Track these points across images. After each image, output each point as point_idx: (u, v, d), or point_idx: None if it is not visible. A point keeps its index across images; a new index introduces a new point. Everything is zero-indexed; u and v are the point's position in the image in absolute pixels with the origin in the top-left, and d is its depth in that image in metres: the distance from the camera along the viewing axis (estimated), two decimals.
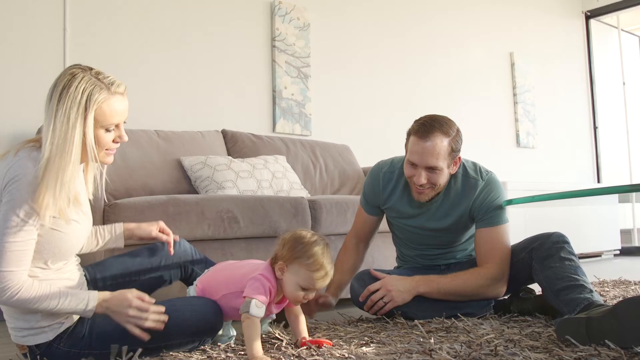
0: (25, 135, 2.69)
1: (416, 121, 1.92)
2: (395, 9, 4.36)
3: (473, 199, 1.97)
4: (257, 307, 1.43)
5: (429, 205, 2.01)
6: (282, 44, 3.65)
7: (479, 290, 1.89)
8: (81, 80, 1.34)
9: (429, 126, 1.86)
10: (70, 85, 1.33)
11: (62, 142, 1.30)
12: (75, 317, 1.41)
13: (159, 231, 1.71)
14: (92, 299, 1.36)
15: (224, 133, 3.19)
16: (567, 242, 1.86)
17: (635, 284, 2.84)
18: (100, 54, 2.96)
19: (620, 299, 2.12)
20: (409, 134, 1.93)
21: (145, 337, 1.39)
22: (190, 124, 3.16)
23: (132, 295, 1.39)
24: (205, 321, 1.48)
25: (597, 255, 4.94)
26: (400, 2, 4.41)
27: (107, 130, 1.39)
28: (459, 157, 1.95)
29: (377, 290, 1.89)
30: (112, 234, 1.66)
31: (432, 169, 1.87)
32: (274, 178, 2.88)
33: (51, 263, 1.39)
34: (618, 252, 5.18)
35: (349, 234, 2.19)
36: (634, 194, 5.71)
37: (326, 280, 1.50)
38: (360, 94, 4.06)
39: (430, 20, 4.60)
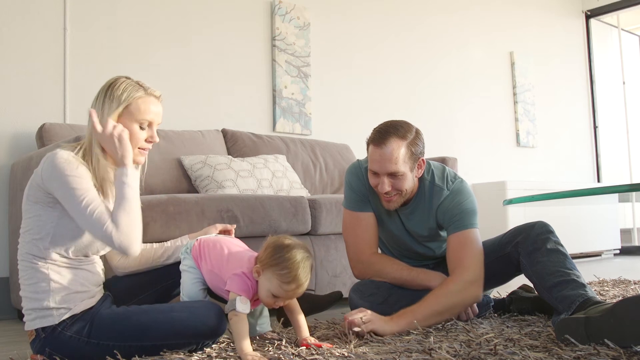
0: (25, 135, 2.69)
1: (374, 129, 1.89)
2: (395, 9, 4.36)
3: (437, 208, 1.94)
4: (243, 303, 1.45)
5: (404, 210, 1.99)
6: (282, 43, 3.65)
7: (455, 297, 1.79)
8: (123, 81, 1.54)
9: (384, 132, 1.84)
10: (113, 85, 1.53)
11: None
12: (83, 306, 1.45)
13: (221, 231, 1.80)
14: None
15: (224, 132, 3.19)
16: (552, 232, 1.82)
17: (634, 283, 2.84)
18: (101, 53, 2.96)
19: (620, 298, 2.12)
20: (368, 143, 1.89)
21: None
22: (190, 123, 3.16)
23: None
24: (204, 324, 1.48)
25: (597, 254, 4.94)
26: (401, 1, 4.41)
27: (141, 127, 1.53)
28: (423, 160, 1.91)
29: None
30: (180, 242, 1.75)
31: (393, 175, 1.84)
32: (274, 177, 2.88)
33: (72, 253, 1.46)
34: (618, 251, 5.19)
35: (358, 252, 2.00)
36: (633, 193, 5.70)
37: (298, 292, 1.49)
38: (360, 93, 4.06)
39: (430, 20, 4.60)
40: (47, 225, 1.43)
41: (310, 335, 1.65)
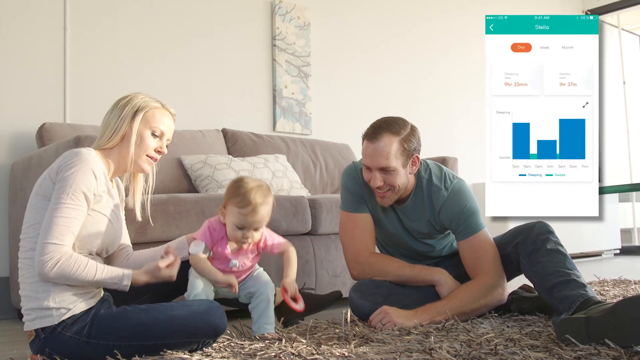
0: (25, 134, 2.69)
1: (369, 125, 1.92)
2: (395, 9, 4.36)
3: (438, 211, 1.95)
4: (195, 245, 1.61)
5: (402, 208, 1.99)
6: (283, 43, 3.65)
7: (479, 303, 1.86)
8: (142, 97, 1.62)
9: (377, 128, 1.88)
10: (132, 98, 1.61)
11: (110, 130, 1.57)
12: (82, 306, 1.45)
13: None
14: (127, 277, 1.48)
15: (224, 132, 3.19)
16: (552, 232, 1.83)
17: (635, 283, 2.84)
18: (101, 54, 2.96)
19: (620, 298, 2.12)
20: (362, 138, 1.92)
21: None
22: (191, 123, 3.16)
23: (167, 273, 1.54)
24: (204, 323, 1.49)
25: (597, 254, 4.94)
26: (401, 1, 4.41)
27: (154, 134, 1.60)
28: (417, 157, 1.92)
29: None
30: (177, 243, 1.77)
31: (385, 170, 1.86)
32: (274, 177, 2.88)
33: (77, 247, 1.46)
34: (618, 251, 5.19)
35: (355, 253, 2.00)
36: (634, 193, 5.71)
37: (255, 216, 1.58)
38: (360, 93, 4.06)
39: (430, 20, 4.60)
40: None
41: (311, 335, 1.65)
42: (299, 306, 1.67)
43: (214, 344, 1.56)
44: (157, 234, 2.06)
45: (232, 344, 1.57)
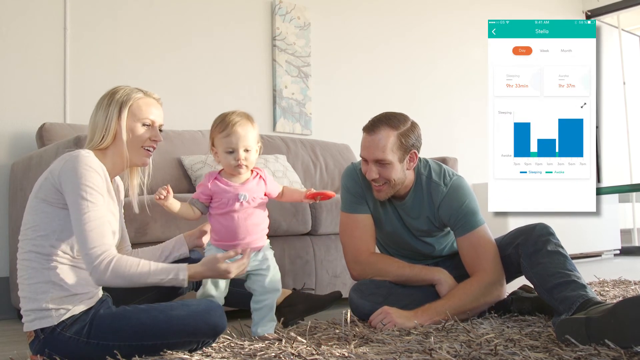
0: (25, 135, 2.69)
1: (370, 119, 1.95)
2: (395, 9, 4.36)
3: (437, 207, 1.96)
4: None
5: (401, 205, 2.00)
6: (283, 43, 3.65)
7: (478, 301, 1.86)
8: (123, 90, 1.58)
9: (376, 121, 1.91)
10: (114, 92, 1.57)
11: (100, 131, 1.54)
12: (82, 307, 1.45)
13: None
14: (182, 271, 1.47)
15: None
16: (552, 234, 1.84)
17: (635, 283, 2.84)
18: (101, 53, 2.96)
19: (620, 298, 2.12)
20: (362, 132, 1.95)
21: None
22: (191, 123, 3.16)
23: (224, 266, 1.52)
24: (204, 322, 1.49)
25: (597, 255, 4.94)
26: (401, 1, 4.41)
27: (144, 124, 1.57)
28: (415, 153, 1.93)
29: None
30: (175, 242, 1.79)
31: (380, 163, 1.87)
32: (274, 177, 2.88)
33: (77, 252, 1.46)
34: (618, 252, 5.19)
35: (356, 253, 2.01)
36: (634, 193, 5.71)
37: (237, 133, 1.65)
38: (360, 93, 4.06)
39: (430, 20, 4.60)
40: (54, 223, 1.44)
41: (310, 335, 1.65)
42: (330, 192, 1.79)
43: (214, 344, 1.57)
44: (157, 234, 2.06)
45: (232, 344, 1.57)
